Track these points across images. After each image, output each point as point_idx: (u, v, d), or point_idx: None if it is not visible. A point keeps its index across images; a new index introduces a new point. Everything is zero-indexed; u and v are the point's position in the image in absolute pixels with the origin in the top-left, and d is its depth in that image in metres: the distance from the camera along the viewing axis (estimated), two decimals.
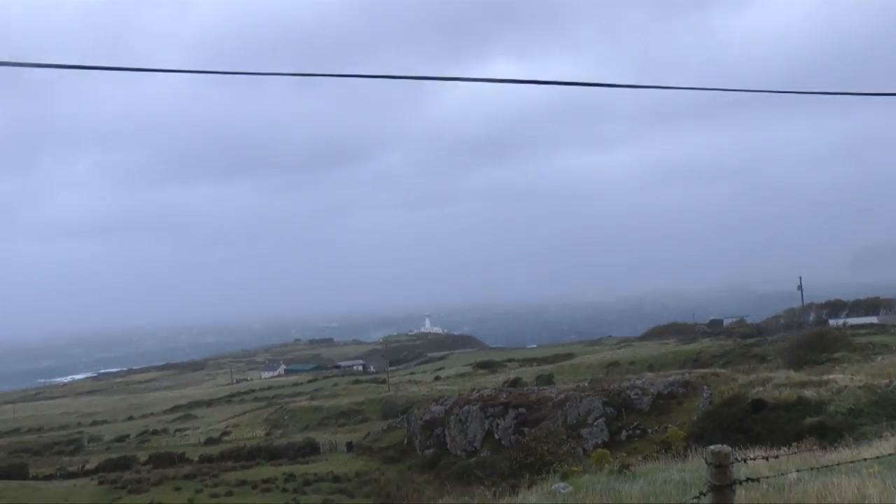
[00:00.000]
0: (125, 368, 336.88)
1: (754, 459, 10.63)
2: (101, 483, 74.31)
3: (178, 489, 68.98)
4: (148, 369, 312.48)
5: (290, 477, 70.17)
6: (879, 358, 69.86)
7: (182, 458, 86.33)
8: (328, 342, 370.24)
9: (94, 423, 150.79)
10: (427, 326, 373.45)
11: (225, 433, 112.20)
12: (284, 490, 66.48)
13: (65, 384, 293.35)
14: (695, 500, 8.09)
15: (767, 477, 9.57)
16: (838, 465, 11.05)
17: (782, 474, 11.44)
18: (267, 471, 74.39)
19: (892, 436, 23.51)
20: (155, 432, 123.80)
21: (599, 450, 37.67)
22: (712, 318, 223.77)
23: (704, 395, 61.78)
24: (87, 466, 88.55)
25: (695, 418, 56.02)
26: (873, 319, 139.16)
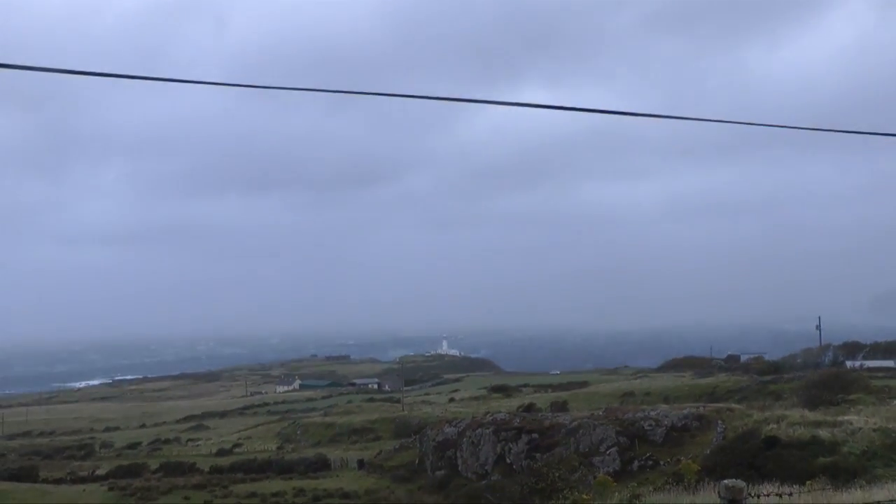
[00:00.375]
0: (140, 376, 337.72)
1: (767, 496, 10.65)
2: (110, 489, 74.50)
3: (187, 499, 69.12)
4: (163, 378, 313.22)
5: (300, 492, 70.20)
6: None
7: (193, 468, 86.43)
8: (344, 359, 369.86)
9: (107, 430, 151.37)
10: (444, 348, 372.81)
11: (237, 445, 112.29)
12: None
13: (79, 389, 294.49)
14: None
15: None
16: None
17: None
18: (277, 485, 74.42)
19: None
20: (167, 441, 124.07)
21: (602, 476, 37.56)
22: (730, 353, 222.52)
23: (718, 429, 61.51)
24: (98, 472, 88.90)
25: (708, 452, 55.77)
26: (891, 363, 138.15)
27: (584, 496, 20.85)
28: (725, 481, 7.49)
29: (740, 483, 7.37)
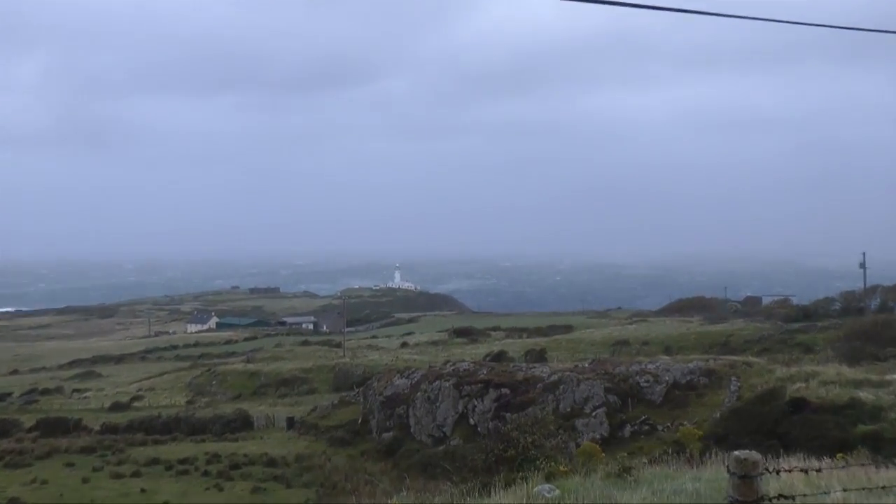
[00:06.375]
0: (12, 309, 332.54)
1: (790, 471, 10.30)
2: None
3: (70, 465, 68.58)
4: (42, 312, 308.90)
5: (214, 457, 69.94)
6: None
7: (79, 426, 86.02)
8: (274, 292, 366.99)
9: None
10: (396, 281, 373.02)
11: (136, 398, 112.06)
12: (206, 473, 66.23)
13: None
14: None
15: (805, 495, 9.24)
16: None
17: (824, 493, 11.15)
18: (186, 448, 74.28)
19: None
20: (46, 391, 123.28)
21: (587, 444, 37.48)
22: (748, 294, 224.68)
23: (731, 388, 61.82)
24: None
25: (717, 416, 56.03)
26: None
27: (562, 467, 20.54)
28: (737, 453, 7.05)
29: (755, 455, 6.93)
